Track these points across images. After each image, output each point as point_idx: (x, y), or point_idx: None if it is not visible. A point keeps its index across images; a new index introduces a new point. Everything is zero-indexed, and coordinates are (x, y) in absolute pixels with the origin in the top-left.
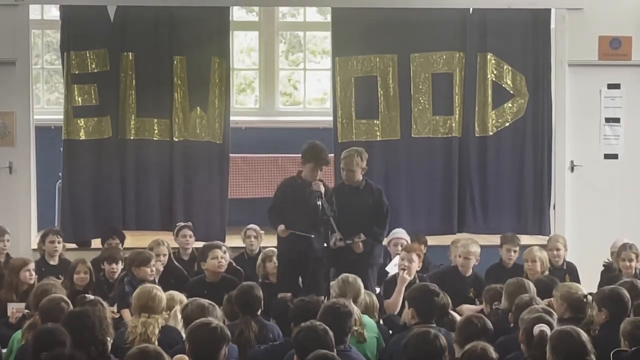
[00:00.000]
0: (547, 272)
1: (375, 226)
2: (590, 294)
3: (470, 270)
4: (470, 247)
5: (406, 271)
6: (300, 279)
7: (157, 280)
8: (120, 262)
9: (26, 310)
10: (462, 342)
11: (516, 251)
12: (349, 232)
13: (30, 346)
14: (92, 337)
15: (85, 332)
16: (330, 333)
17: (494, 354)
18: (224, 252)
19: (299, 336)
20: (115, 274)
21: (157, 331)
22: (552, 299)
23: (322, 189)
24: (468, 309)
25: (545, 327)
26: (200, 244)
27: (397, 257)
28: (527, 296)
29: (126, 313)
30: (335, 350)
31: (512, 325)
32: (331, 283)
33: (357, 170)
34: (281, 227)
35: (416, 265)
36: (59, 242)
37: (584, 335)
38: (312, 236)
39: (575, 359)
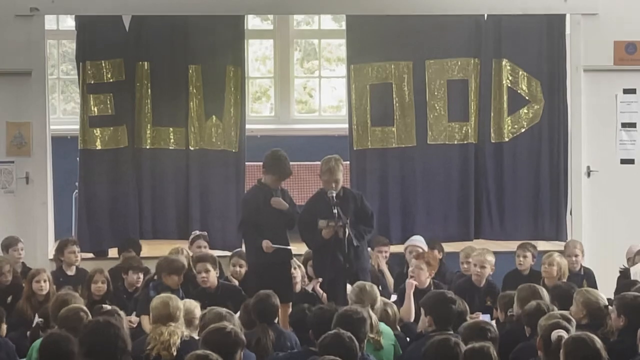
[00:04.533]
0: (564, 279)
1: (360, 225)
2: (609, 299)
3: (485, 279)
4: (485, 256)
5: (413, 278)
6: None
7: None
8: (142, 272)
9: (40, 319)
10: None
11: (526, 257)
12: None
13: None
14: (116, 348)
15: (111, 343)
16: (356, 342)
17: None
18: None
19: (324, 342)
20: (139, 283)
21: (178, 341)
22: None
23: (334, 194)
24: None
25: (563, 333)
26: (216, 252)
27: None
28: (535, 302)
29: (145, 319)
30: (358, 358)
31: (528, 334)
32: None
33: (341, 178)
34: (267, 243)
35: (425, 273)
36: (78, 252)
37: (599, 342)
38: (290, 248)
39: None
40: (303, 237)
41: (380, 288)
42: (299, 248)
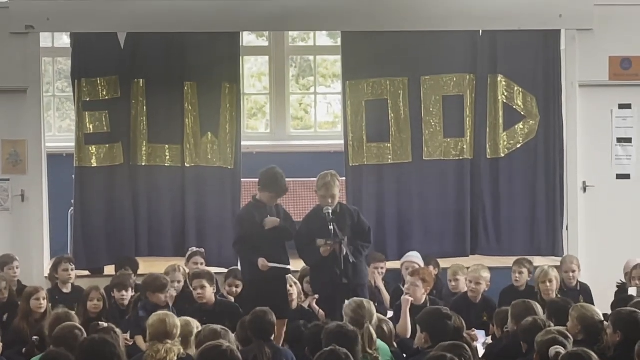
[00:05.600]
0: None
1: (358, 241)
2: (605, 315)
3: (480, 295)
4: (480, 272)
5: (409, 294)
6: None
7: (171, 306)
8: (130, 289)
9: (35, 337)
10: None
11: (522, 272)
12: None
13: None
14: None
15: None
16: (352, 358)
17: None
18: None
19: (321, 359)
20: (125, 301)
21: (175, 359)
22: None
23: (330, 211)
24: None
25: (561, 349)
26: (212, 269)
27: None
28: (531, 318)
29: (140, 340)
30: None
31: (524, 350)
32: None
33: (337, 193)
34: (263, 261)
35: (421, 289)
36: (72, 270)
37: (596, 358)
38: (289, 267)
39: None
40: (300, 254)
41: (376, 304)
42: (295, 265)
